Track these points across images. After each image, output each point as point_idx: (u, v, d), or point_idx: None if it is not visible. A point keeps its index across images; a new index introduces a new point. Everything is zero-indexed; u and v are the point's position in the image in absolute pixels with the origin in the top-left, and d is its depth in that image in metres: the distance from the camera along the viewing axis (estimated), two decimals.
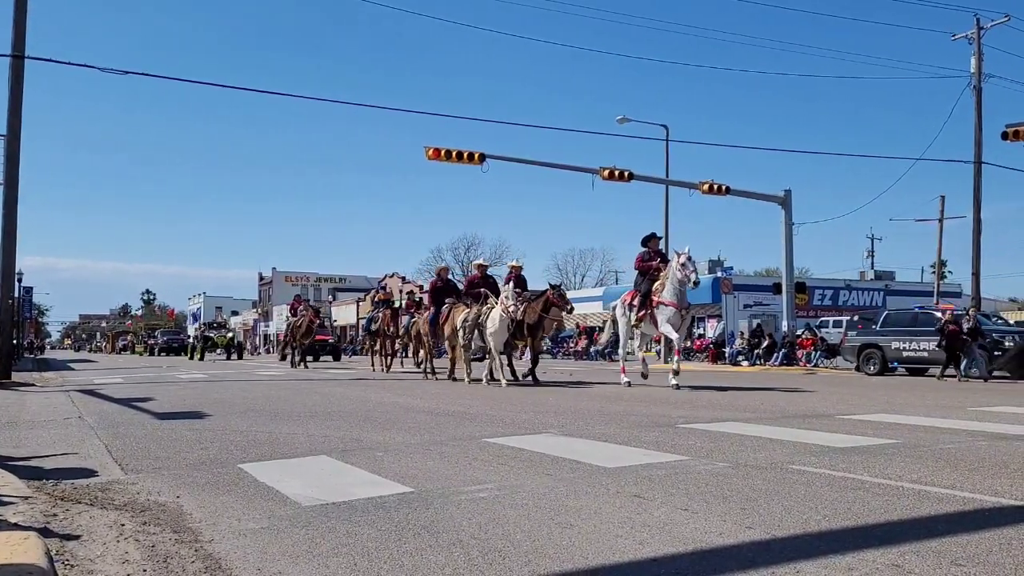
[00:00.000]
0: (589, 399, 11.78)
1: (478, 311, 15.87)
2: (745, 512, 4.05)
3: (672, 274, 14.23)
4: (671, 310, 14.26)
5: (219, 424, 8.28)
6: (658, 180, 29.61)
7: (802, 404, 10.84)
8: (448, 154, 22.87)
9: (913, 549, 3.36)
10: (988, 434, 7.34)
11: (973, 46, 28.10)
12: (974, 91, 28.00)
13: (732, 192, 26.35)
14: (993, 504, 4.23)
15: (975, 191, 28.52)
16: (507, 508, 4.17)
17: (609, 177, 24.49)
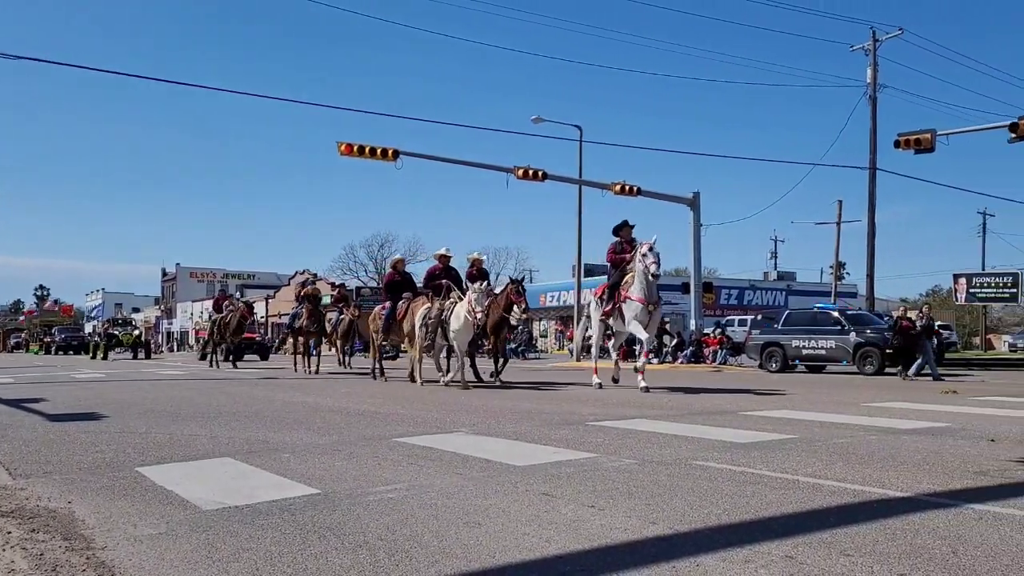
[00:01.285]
0: (502, 398, 11.83)
1: (441, 307, 14.65)
2: (650, 508, 4.14)
3: (636, 265, 13.50)
4: (638, 306, 13.45)
5: (116, 426, 7.97)
6: (571, 180, 29.95)
7: (707, 401, 11.15)
8: (361, 150, 22.60)
9: (806, 540, 3.50)
10: (878, 429, 7.70)
11: (869, 57, 29.42)
12: (870, 100, 29.31)
13: (643, 193, 26.86)
14: (880, 496, 4.45)
15: (870, 196, 29.86)
16: (416, 508, 4.15)
17: (524, 176, 24.65)
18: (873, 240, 30.34)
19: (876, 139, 29.24)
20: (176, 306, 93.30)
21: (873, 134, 29.27)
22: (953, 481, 4.90)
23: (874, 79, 29.12)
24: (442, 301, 14.72)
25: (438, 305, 14.69)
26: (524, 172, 24.61)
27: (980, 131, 21.38)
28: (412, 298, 16.00)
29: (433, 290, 15.15)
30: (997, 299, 45.84)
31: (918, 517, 3.93)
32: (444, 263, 15.82)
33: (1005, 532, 3.64)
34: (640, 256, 13.32)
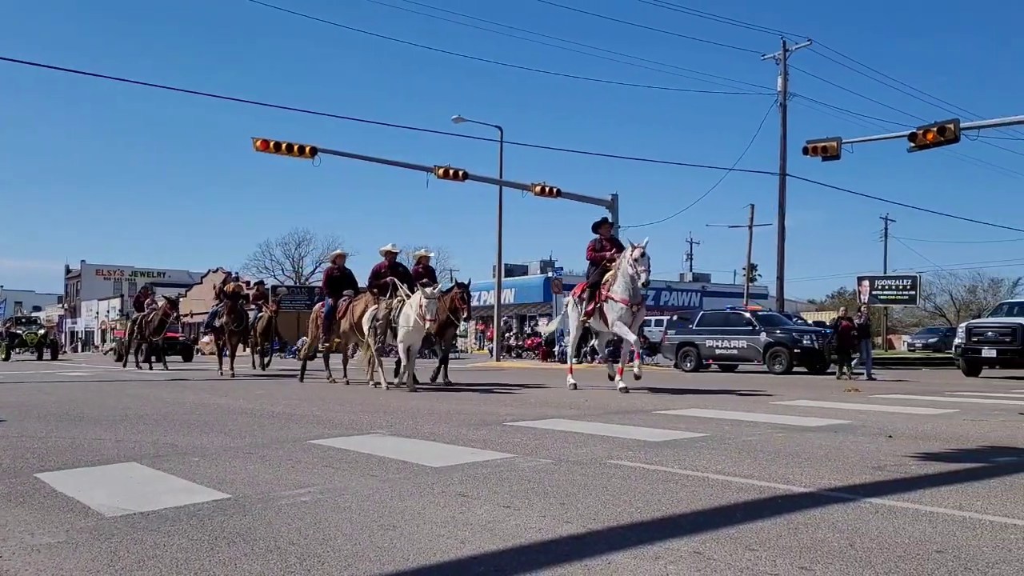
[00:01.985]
0: (421, 399, 11.77)
1: (388, 306, 13.87)
2: (564, 507, 4.20)
3: (624, 267, 12.98)
4: (621, 307, 12.99)
5: (13, 430, 7.61)
6: (492, 180, 30.02)
7: (623, 400, 11.34)
8: (278, 146, 22.16)
9: (714, 537, 3.60)
10: (785, 427, 7.98)
11: (780, 66, 30.41)
12: (780, 108, 30.30)
13: (563, 195, 27.12)
14: (784, 491, 4.61)
15: (780, 201, 30.86)
16: (329, 512, 4.10)
17: (444, 176, 24.59)
18: (783, 243, 31.38)
19: (786, 146, 30.28)
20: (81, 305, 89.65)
21: (783, 141, 30.29)
22: (853, 476, 5.11)
23: (784, 88, 30.14)
24: (388, 300, 13.96)
25: (385, 305, 13.92)
26: (444, 172, 24.54)
27: (882, 140, 22.34)
28: (354, 296, 15.46)
29: (379, 288, 14.42)
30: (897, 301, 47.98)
31: (819, 512, 4.09)
32: (390, 260, 14.96)
33: (899, 524, 3.82)
34: (631, 260, 12.79)
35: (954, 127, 18.75)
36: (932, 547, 3.43)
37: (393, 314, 13.72)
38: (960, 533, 3.66)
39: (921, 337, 50.90)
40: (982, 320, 22.68)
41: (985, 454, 6.21)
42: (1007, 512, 4.07)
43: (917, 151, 19.57)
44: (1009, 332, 20.00)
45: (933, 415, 9.31)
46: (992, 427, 8.07)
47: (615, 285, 13.03)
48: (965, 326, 22.01)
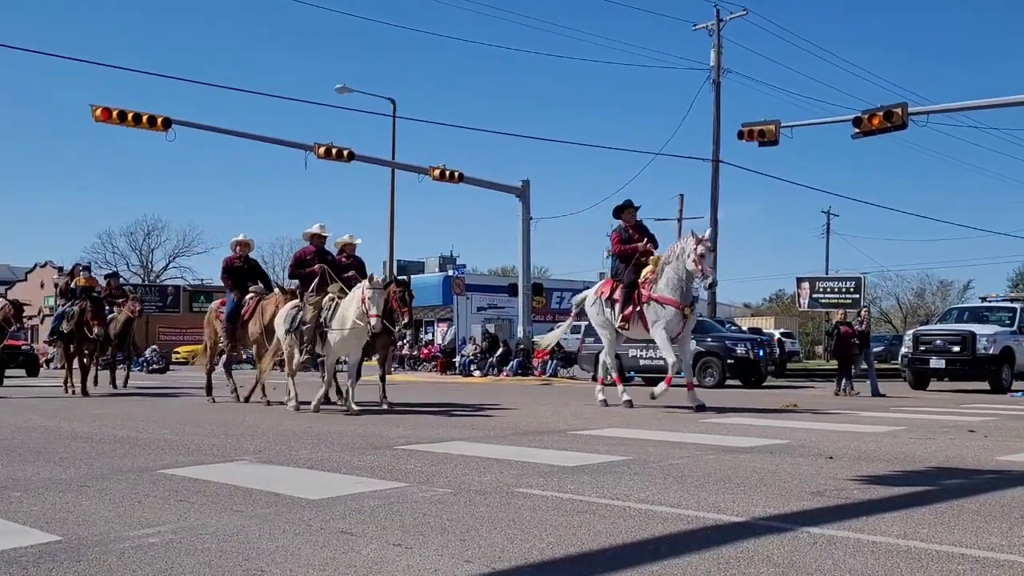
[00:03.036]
0: (296, 420, 11.61)
1: (317, 305, 12.66)
2: (465, 544, 4.21)
3: (680, 262, 12.42)
4: (670, 311, 12.45)
5: None
6: (383, 162, 29.90)
7: (535, 419, 11.44)
8: (123, 116, 21.46)
9: (634, 574, 3.68)
10: (716, 448, 8.21)
11: (713, 38, 31.25)
12: (713, 85, 31.14)
13: (466, 180, 27.22)
14: (714, 522, 4.75)
15: (712, 190, 31.72)
16: (183, 555, 4.00)
17: (326, 156, 24.33)
18: (715, 239, 32.18)
19: (720, 128, 31.15)
20: None
21: (716, 123, 31.16)
22: (790, 503, 5.30)
23: (718, 63, 31.00)
24: (316, 297, 12.75)
25: (313, 303, 12.67)
26: (326, 151, 24.28)
27: (825, 124, 23.23)
28: (264, 292, 14.57)
29: (303, 280, 13.25)
30: (839, 305, 49.89)
31: (752, 544, 4.23)
32: (318, 245, 13.67)
33: (839, 556, 3.98)
34: (696, 256, 12.24)
35: (902, 112, 19.64)
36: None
37: (325, 316, 12.51)
38: (904, 565, 3.85)
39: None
40: (930, 327, 23.79)
41: (932, 476, 6.54)
42: (954, 541, 4.29)
43: (862, 137, 20.42)
44: (959, 341, 21.01)
45: (877, 433, 9.74)
46: (940, 446, 8.50)
47: (660, 283, 12.53)
48: (912, 334, 23.07)
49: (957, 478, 6.43)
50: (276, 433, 9.48)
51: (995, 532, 4.49)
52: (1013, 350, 20.95)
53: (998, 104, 22.09)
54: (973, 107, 22.93)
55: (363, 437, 9.08)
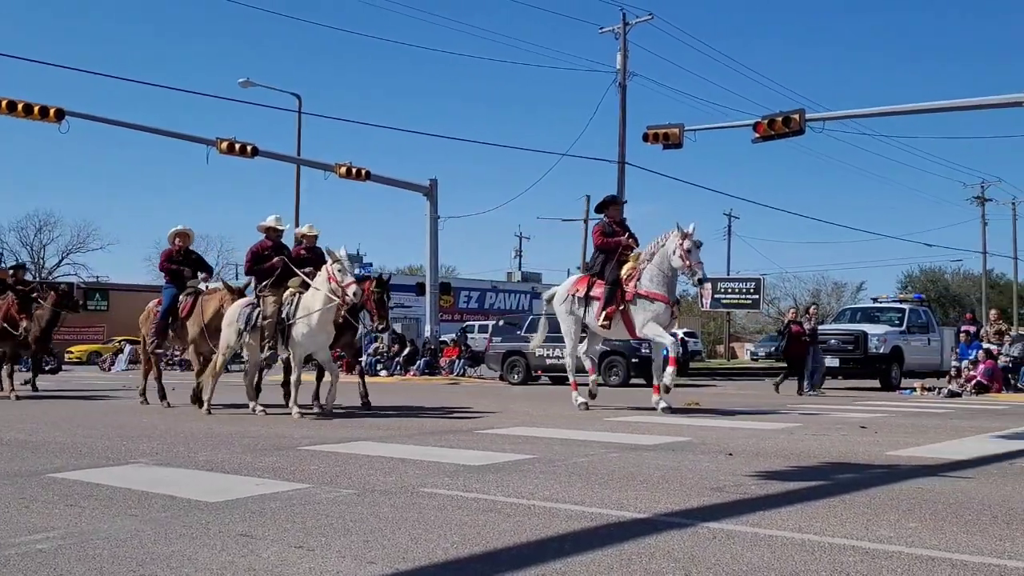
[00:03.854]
0: (197, 420, 11.33)
1: (278, 300, 11.76)
2: (368, 545, 4.17)
3: (664, 258, 11.99)
4: (660, 306, 11.98)
5: None
6: (288, 158, 29.44)
7: (441, 419, 11.41)
8: (12, 106, 20.58)
9: (539, 572, 3.70)
10: (620, 446, 8.32)
11: (619, 41, 31.67)
12: (619, 88, 31.55)
13: (373, 178, 26.99)
14: (617, 518, 4.81)
15: (618, 191, 32.10)
16: (73, 562, 3.86)
17: (229, 151, 23.86)
18: None
19: (625, 131, 31.55)
20: None
21: (622, 125, 31.55)
22: (690, 499, 5.40)
23: (624, 65, 31.41)
24: (276, 292, 11.87)
25: (273, 299, 11.77)
26: (229, 146, 23.80)
27: (726, 128, 23.78)
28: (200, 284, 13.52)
29: (260, 276, 12.34)
30: (740, 305, 51.29)
31: (654, 539, 4.29)
32: (274, 238, 12.70)
33: (737, 550, 4.08)
34: (682, 251, 11.76)
35: (799, 118, 20.25)
36: (771, 574, 3.69)
37: (287, 310, 11.59)
38: (798, 557, 3.96)
39: (764, 345, 54.58)
40: (825, 327, 24.54)
41: (825, 471, 6.75)
42: (845, 533, 4.44)
43: (762, 142, 20.98)
44: (851, 340, 21.75)
45: (775, 430, 10.01)
46: (833, 442, 8.78)
47: (644, 279, 12.06)
48: None
49: (849, 473, 6.65)
50: (174, 435, 9.24)
51: (884, 524, 4.65)
52: (902, 349, 21.81)
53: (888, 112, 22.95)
54: (865, 115, 23.81)
55: (266, 438, 8.92)
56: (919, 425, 10.84)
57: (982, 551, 4.06)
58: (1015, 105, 20.83)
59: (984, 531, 4.52)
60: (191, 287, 13.51)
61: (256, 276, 12.47)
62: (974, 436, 9.53)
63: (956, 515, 4.93)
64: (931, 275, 71.20)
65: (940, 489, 5.86)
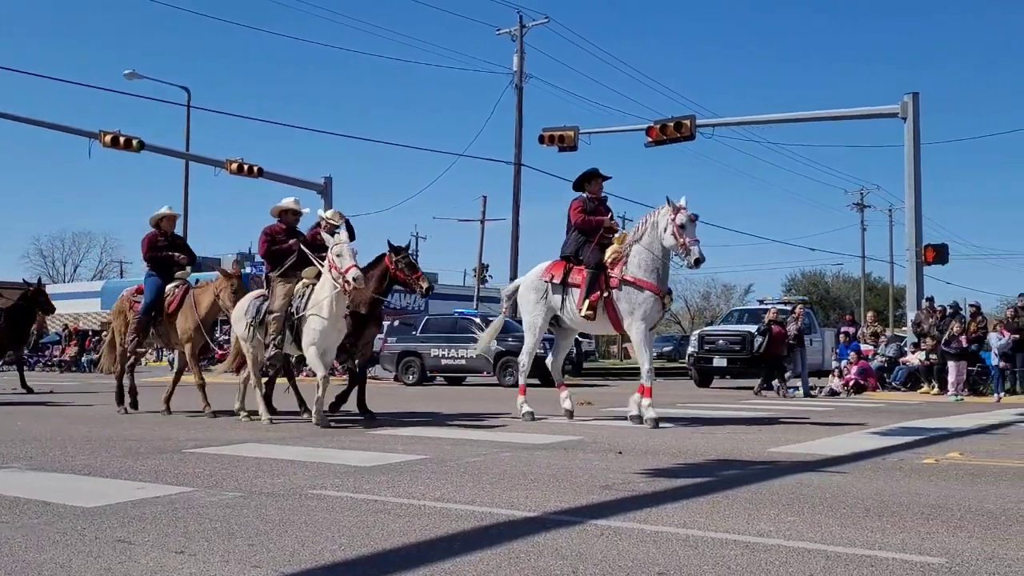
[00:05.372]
0: (74, 424, 10.90)
1: (289, 291, 10.45)
2: (253, 549, 4.08)
3: (655, 238, 10.40)
4: (648, 297, 10.39)
5: None
6: (176, 153, 28.65)
7: (333, 420, 11.24)
8: None
9: (428, 572, 3.69)
10: (512, 445, 8.36)
11: (516, 43, 31.88)
12: (516, 90, 31.77)
13: (265, 175, 26.50)
14: (508, 517, 4.83)
15: (515, 192, 32.33)
16: None
17: (113, 144, 23.15)
18: (517, 241, 32.89)
19: (522, 132, 31.79)
20: None
21: (519, 127, 31.78)
22: (580, 497, 5.47)
23: (520, 67, 31.65)
24: (287, 282, 10.58)
25: (283, 290, 10.47)
26: (113, 139, 23.09)
27: (620, 132, 24.18)
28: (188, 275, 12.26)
29: (276, 258, 10.86)
30: None
31: (543, 537, 4.33)
32: (290, 223, 11.30)
33: (623, 547, 4.14)
34: (674, 227, 10.16)
35: (690, 123, 20.77)
36: (655, 569, 3.76)
37: (297, 304, 10.31)
38: (683, 552, 4.05)
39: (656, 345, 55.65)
40: (713, 328, 25.27)
41: (711, 468, 6.93)
42: (728, 528, 4.56)
43: (654, 146, 21.41)
44: (739, 340, 22.38)
45: (664, 428, 10.21)
46: (720, 440, 9.02)
47: (632, 265, 10.45)
48: (698, 334, 24.38)
49: (733, 469, 6.84)
50: (51, 438, 8.86)
51: (764, 519, 4.80)
52: None
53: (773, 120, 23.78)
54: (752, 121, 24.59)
55: (148, 441, 8.64)
56: (800, 423, 11.23)
57: (855, 543, 4.23)
58: (891, 116, 21.83)
59: (857, 523, 4.71)
60: (179, 278, 12.09)
61: (272, 259, 10.99)
62: (850, 433, 9.92)
63: (832, 509, 5.12)
64: (813, 278, 73.76)
65: (818, 484, 6.08)
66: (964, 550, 4.09)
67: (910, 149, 21.43)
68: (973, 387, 18.67)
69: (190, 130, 31.95)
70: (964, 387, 18.21)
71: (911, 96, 21.39)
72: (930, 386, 19.15)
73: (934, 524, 4.69)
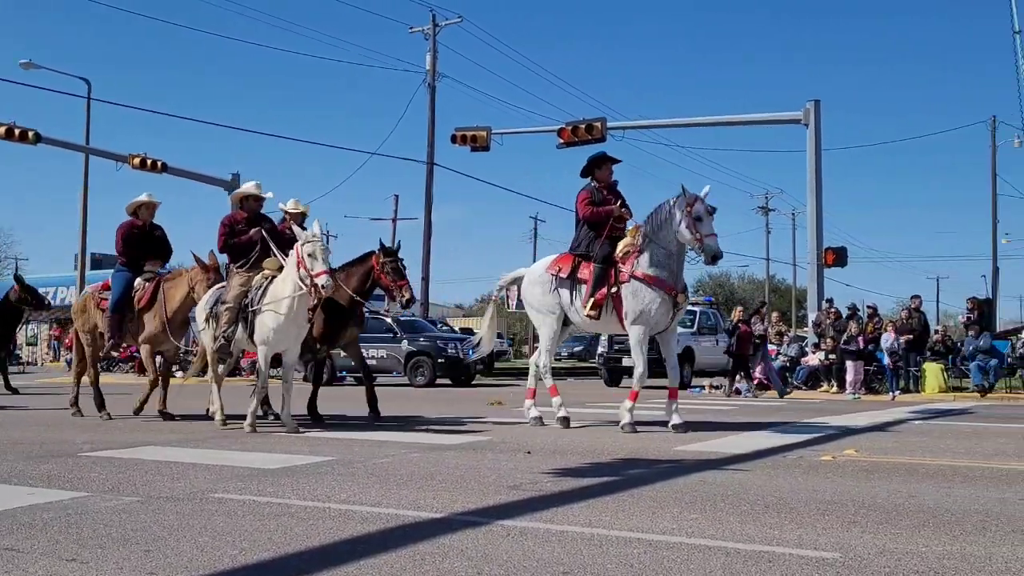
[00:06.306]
0: None
1: (245, 283, 9.75)
2: (149, 555, 3.97)
3: (669, 232, 9.63)
4: (658, 296, 9.71)
5: None
6: (75, 147, 27.76)
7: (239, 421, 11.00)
8: None
9: (329, 575, 3.64)
10: (421, 446, 8.32)
11: (429, 42, 31.78)
12: (429, 89, 31.67)
13: (170, 170, 25.83)
14: (413, 519, 4.80)
15: (427, 192, 32.22)
16: None
17: (7, 136, 22.34)
18: (429, 240, 32.79)
19: (435, 132, 31.70)
20: None
21: (431, 126, 31.69)
22: (487, 498, 5.47)
23: (433, 66, 31.55)
24: (247, 273, 9.86)
25: (239, 281, 9.76)
26: (7, 131, 22.28)
27: (532, 133, 24.32)
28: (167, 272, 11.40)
29: (238, 250, 10.15)
30: None
31: (449, 538, 4.31)
32: (252, 210, 10.46)
33: (529, 547, 4.15)
34: (689, 220, 9.44)
35: (601, 126, 21.01)
36: (560, 569, 3.78)
37: (252, 296, 9.59)
38: (587, 551, 4.08)
39: (567, 345, 56.04)
40: None
41: (617, 467, 7.01)
42: (632, 526, 4.61)
43: (566, 148, 21.59)
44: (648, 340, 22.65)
45: (573, 428, 10.30)
46: (627, 439, 9.14)
47: (643, 259, 9.73)
48: (609, 335, 24.63)
49: (639, 468, 6.93)
50: None
51: (667, 517, 4.87)
52: (693, 349, 22.92)
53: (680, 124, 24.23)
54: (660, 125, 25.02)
55: (42, 444, 8.33)
56: (705, 421, 11.45)
57: (754, 539, 4.33)
58: (793, 122, 22.45)
59: (757, 519, 4.82)
60: (149, 271, 11.14)
61: (231, 252, 10.25)
62: (753, 431, 10.16)
63: (733, 506, 5.23)
64: (719, 279, 75.23)
65: (720, 481, 6.20)
66: (857, 544, 4.22)
67: (812, 155, 22.08)
68: (870, 386, 19.33)
69: (90, 123, 30.98)
70: (861, 386, 18.85)
71: (813, 103, 22.04)
72: (829, 385, 19.76)
73: (830, 519, 4.83)
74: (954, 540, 4.34)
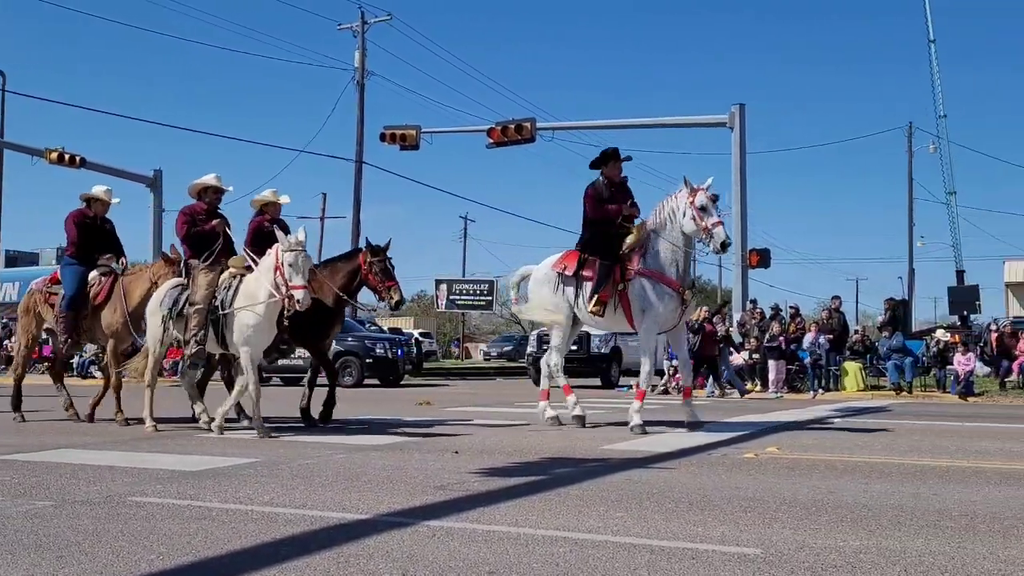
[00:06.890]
0: None
1: (212, 282, 9.25)
2: (62, 561, 3.85)
3: (674, 226, 9.53)
4: (665, 293, 9.56)
5: None
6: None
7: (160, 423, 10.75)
8: None
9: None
10: (347, 446, 8.23)
11: (358, 39, 31.52)
12: (357, 86, 31.41)
13: (88, 165, 25.17)
14: (339, 520, 4.74)
15: (356, 191, 31.98)
16: None
17: None
18: (357, 240, 32.49)
19: (364, 130, 31.45)
20: None
21: (360, 124, 31.43)
22: (414, 498, 5.43)
23: (362, 64, 31.29)
24: (209, 270, 9.42)
25: (206, 278, 9.28)
26: None
27: (462, 133, 24.30)
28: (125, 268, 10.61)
29: (195, 243, 9.73)
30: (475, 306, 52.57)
31: (374, 540, 4.27)
32: (212, 202, 10.14)
33: (454, 547, 4.14)
34: (694, 210, 9.31)
35: (531, 126, 21.09)
36: (485, 568, 3.77)
37: (221, 295, 9.15)
38: (513, 551, 4.07)
39: (496, 345, 56.21)
40: None
41: (545, 466, 7.02)
42: (558, 525, 4.63)
43: (495, 147, 21.62)
44: (576, 340, 22.81)
45: (500, 428, 10.32)
46: (555, 438, 9.17)
47: (650, 255, 9.64)
48: (536, 334, 24.66)
49: (566, 467, 6.96)
50: None
51: (593, 515, 4.90)
52: (621, 349, 23.13)
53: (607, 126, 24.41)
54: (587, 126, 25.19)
55: None
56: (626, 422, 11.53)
57: (678, 536, 4.38)
58: (719, 125, 22.81)
59: (682, 517, 4.88)
60: (103, 264, 10.47)
61: (192, 243, 9.77)
62: (679, 430, 10.27)
63: (658, 504, 5.28)
64: None
65: (646, 480, 6.27)
66: (778, 540, 4.30)
67: (736, 158, 22.46)
68: (792, 384, 19.71)
69: (5, 116, 30.04)
70: (784, 385, 19.22)
71: (738, 107, 22.44)
72: (753, 384, 20.11)
73: (752, 516, 4.91)
74: (871, 534, 4.44)
